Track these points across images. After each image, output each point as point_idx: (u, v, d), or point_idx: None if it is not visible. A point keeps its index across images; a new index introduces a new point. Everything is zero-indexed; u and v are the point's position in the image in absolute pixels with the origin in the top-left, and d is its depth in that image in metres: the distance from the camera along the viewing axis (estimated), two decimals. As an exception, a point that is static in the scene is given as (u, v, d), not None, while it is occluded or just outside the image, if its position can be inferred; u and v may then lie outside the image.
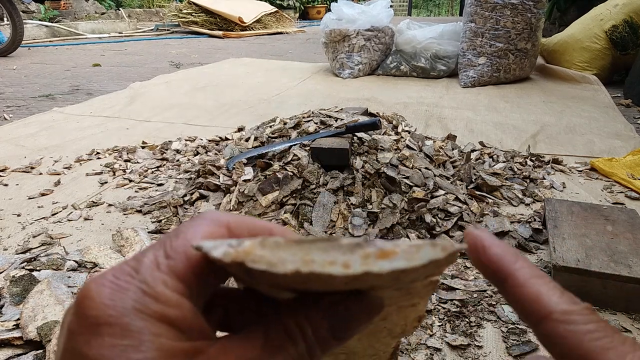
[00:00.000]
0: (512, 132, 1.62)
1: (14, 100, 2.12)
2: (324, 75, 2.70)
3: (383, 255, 0.14)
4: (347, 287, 0.15)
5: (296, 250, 0.14)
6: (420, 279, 0.17)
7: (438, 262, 0.14)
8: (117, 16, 5.71)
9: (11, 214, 1.01)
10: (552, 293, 0.16)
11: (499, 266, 0.17)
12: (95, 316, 0.14)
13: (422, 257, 0.14)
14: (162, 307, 0.15)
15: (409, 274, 0.14)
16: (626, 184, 1.14)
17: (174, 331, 0.15)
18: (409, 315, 0.21)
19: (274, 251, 0.15)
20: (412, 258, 0.14)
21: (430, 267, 0.15)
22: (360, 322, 0.16)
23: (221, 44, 4.59)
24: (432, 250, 0.14)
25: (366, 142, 1.06)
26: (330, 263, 0.14)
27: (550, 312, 0.15)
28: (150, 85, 2.38)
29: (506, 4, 2.28)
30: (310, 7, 8.82)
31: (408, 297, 0.19)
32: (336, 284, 0.14)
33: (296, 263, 0.14)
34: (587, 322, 0.15)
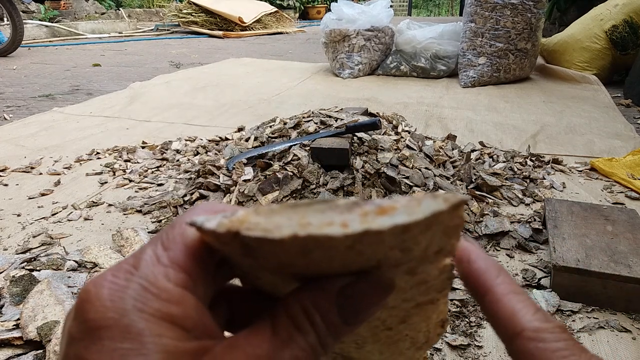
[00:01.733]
0: (512, 132, 1.62)
1: (14, 100, 2.12)
2: (324, 75, 2.70)
3: (382, 211, 0.13)
4: (351, 259, 0.14)
5: (292, 214, 0.14)
6: (430, 251, 0.15)
7: (442, 216, 0.13)
8: (117, 16, 5.71)
9: (11, 214, 1.01)
10: (527, 311, 0.16)
11: (481, 281, 0.17)
12: (95, 319, 0.14)
13: (424, 209, 0.13)
14: (164, 304, 0.14)
15: (413, 233, 0.13)
16: (626, 184, 1.14)
17: (178, 330, 0.14)
18: (430, 316, 0.19)
19: (269, 217, 0.14)
20: (413, 212, 0.13)
21: (435, 226, 0.14)
22: (371, 304, 0.15)
23: (221, 44, 4.59)
24: (434, 201, 0.13)
25: (366, 142, 1.06)
26: (328, 224, 0.13)
27: (523, 329, 0.16)
28: (150, 85, 2.38)
29: (506, 4, 2.28)
30: (310, 7, 8.82)
31: (424, 289, 0.18)
32: (338, 251, 0.13)
33: (292, 227, 0.13)
34: (556, 340, 0.15)
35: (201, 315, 0.15)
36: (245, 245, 0.14)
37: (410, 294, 0.17)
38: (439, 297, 0.19)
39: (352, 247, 0.13)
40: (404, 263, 0.15)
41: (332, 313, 0.15)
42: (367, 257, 0.14)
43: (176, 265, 0.15)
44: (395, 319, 0.19)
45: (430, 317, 0.20)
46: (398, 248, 0.14)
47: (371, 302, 0.15)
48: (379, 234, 0.13)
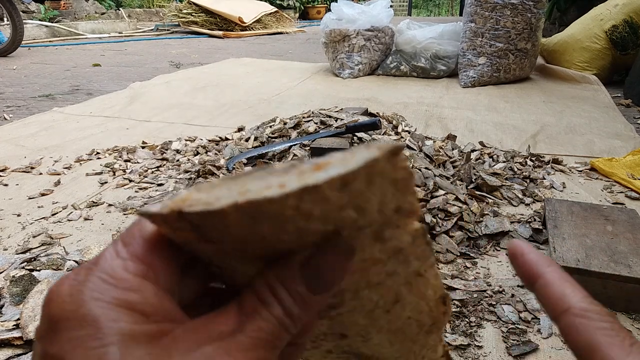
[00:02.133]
0: (512, 132, 1.62)
1: (14, 100, 2.12)
2: (324, 75, 2.70)
3: (318, 167, 0.13)
4: (305, 227, 0.14)
5: (232, 185, 0.14)
6: (386, 209, 0.15)
7: (379, 166, 0.13)
8: (117, 16, 5.72)
9: (11, 214, 1.01)
10: (575, 294, 0.18)
11: (534, 269, 0.19)
12: (54, 314, 0.14)
13: (358, 160, 0.13)
14: (122, 292, 0.14)
15: (356, 188, 0.13)
16: (626, 184, 1.14)
17: (135, 315, 0.14)
18: (424, 292, 0.19)
19: (210, 192, 0.14)
20: (348, 163, 0.13)
21: (377, 178, 0.14)
22: (335, 270, 0.15)
23: (221, 44, 4.59)
24: (367, 151, 0.13)
25: (366, 142, 1.06)
26: (266, 187, 0.13)
27: (570, 307, 0.17)
28: (150, 85, 2.38)
29: (506, 4, 2.28)
30: (310, 7, 8.82)
31: (402, 259, 0.17)
32: (286, 218, 0.13)
33: (232, 197, 0.13)
34: (601, 320, 0.17)
35: (162, 302, 0.15)
36: (195, 226, 0.14)
37: (391, 265, 0.17)
38: (425, 268, 0.18)
39: (297, 209, 0.13)
40: (364, 226, 0.15)
41: (296, 284, 0.15)
42: (319, 221, 0.14)
43: (135, 258, 0.15)
44: (387, 299, 0.19)
45: (425, 294, 0.19)
46: (349, 207, 0.14)
47: (334, 268, 0.15)
48: (317, 190, 0.13)
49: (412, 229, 0.17)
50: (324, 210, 0.13)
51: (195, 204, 0.14)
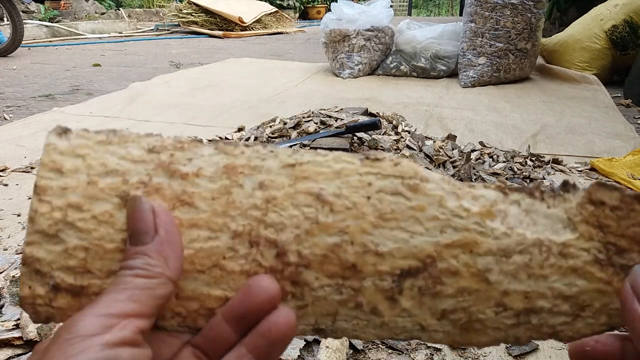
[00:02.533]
0: (512, 132, 1.62)
1: (14, 100, 2.12)
2: (324, 76, 2.70)
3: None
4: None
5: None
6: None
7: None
8: (117, 16, 5.72)
9: (11, 214, 1.01)
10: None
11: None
12: None
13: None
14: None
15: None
16: (626, 184, 1.14)
17: None
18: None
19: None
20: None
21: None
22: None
23: (221, 44, 4.60)
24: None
25: (366, 142, 1.06)
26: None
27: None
28: (150, 85, 2.39)
29: (506, 4, 2.28)
30: (310, 7, 8.83)
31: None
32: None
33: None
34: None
35: None
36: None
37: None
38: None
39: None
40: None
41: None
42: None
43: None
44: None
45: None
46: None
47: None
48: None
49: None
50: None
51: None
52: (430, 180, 0.20)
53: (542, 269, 0.20)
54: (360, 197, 0.20)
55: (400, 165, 0.20)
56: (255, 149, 0.20)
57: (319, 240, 0.19)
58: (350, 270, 0.20)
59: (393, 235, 0.20)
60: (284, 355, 0.60)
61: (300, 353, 0.61)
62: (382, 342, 0.65)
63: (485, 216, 0.20)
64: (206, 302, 0.20)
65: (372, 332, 0.21)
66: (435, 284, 0.20)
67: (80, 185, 0.19)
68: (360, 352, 0.63)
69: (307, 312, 0.20)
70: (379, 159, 0.20)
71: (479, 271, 0.20)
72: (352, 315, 0.20)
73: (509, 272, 0.20)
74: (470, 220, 0.20)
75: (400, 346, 0.64)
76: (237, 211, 0.19)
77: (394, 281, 0.20)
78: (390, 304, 0.20)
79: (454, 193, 0.20)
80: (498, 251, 0.20)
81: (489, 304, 0.20)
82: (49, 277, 0.19)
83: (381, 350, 0.64)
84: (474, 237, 0.19)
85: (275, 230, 0.19)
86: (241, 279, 0.20)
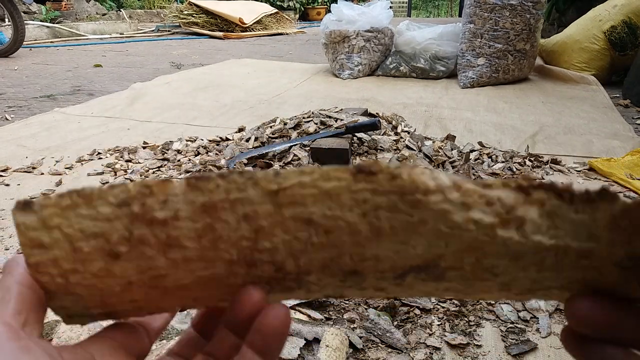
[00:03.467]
0: (511, 132, 1.63)
1: (16, 100, 2.13)
2: (324, 76, 2.71)
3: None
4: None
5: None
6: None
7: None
8: (118, 17, 5.73)
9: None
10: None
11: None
12: None
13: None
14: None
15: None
16: (625, 184, 1.15)
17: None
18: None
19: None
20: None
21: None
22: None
23: (222, 44, 4.60)
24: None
25: (366, 143, 1.07)
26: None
27: None
28: (151, 85, 2.39)
29: (505, 5, 2.28)
30: (310, 9, 8.84)
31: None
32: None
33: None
34: None
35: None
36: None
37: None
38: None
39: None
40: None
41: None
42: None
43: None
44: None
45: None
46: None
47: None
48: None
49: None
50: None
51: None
52: (435, 191, 0.18)
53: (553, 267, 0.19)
54: (355, 215, 0.18)
55: (399, 178, 0.18)
56: (232, 178, 0.19)
57: (316, 255, 0.19)
58: (351, 273, 0.20)
59: (393, 247, 0.19)
60: (284, 354, 0.61)
61: (300, 352, 0.62)
62: (382, 341, 0.65)
63: (498, 226, 0.18)
64: (220, 302, 0.22)
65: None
66: (437, 276, 0.20)
67: (67, 255, 0.19)
68: (360, 351, 0.64)
69: (314, 294, 0.22)
70: (374, 172, 0.18)
71: (485, 268, 0.19)
72: (357, 293, 0.22)
73: (518, 268, 0.19)
74: (480, 232, 0.18)
75: (400, 345, 0.65)
76: (226, 244, 0.19)
77: (395, 277, 0.20)
78: (394, 288, 0.21)
79: (463, 203, 0.18)
80: (508, 256, 0.19)
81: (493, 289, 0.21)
82: (84, 315, 0.21)
83: (381, 349, 0.64)
84: (482, 247, 0.18)
85: (270, 253, 0.19)
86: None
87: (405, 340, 0.66)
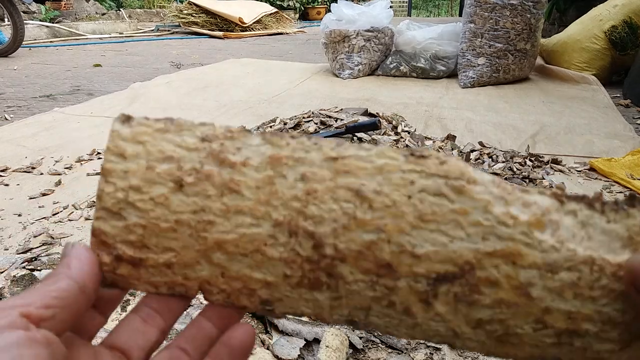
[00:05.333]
0: (511, 132, 1.62)
1: (15, 100, 2.12)
2: (324, 76, 2.70)
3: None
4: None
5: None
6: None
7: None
8: (117, 17, 5.72)
9: (12, 213, 1.02)
10: None
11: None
12: None
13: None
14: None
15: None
16: (625, 184, 1.15)
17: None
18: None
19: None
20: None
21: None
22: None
23: (221, 44, 4.60)
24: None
25: (366, 143, 1.07)
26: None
27: None
28: (150, 85, 2.39)
29: (505, 4, 2.28)
30: (310, 8, 8.83)
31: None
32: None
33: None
34: None
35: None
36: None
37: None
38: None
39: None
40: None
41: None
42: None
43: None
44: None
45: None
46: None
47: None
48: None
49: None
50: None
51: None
52: (478, 182, 0.19)
53: (591, 290, 0.18)
54: (401, 195, 0.19)
55: (447, 164, 0.19)
56: (300, 140, 0.21)
57: (356, 236, 0.19)
58: (385, 268, 0.19)
59: (432, 238, 0.19)
60: (284, 354, 0.60)
61: (300, 352, 0.61)
62: (382, 341, 0.65)
63: (534, 226, 0.18)
64: (248, 283, 0.21)
65: (404, 331, 0.20)
66: (472, 292, 0.19)
67: (139, 170, 0.20)
68: (360, 351, 0.64)
69: (341, 304, 0.20)
70: (425, 156, 0.19)
71: (521, 284, 0.18)
72: (384, 312, 0.20)
73: (554, 289, 0.18)
74: (517, 230, 0.18)
75: (400, 345, 0.64)
76: (279, 201, 0.20)
77: (429, 284, 0.19)
78: (423, 307, 0.19)
79: (503, 198, 0.19)
80: (544, 265, 0.18)
81: (528, 319, 0.19)
82: (113, 248, 0.21)
83: (381, 350, 0.64)
84: (519, 248, 0.18)
85: (314, 222, 0.20)
86: (279, 266, 0.20)
87: (405, 340, 0.65)
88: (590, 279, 0.18)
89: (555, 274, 0.18)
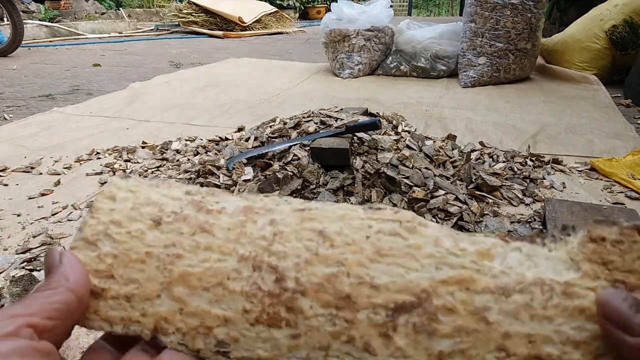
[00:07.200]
0: (512, 132, 1.62)
1: (14, 100, 2.12)
2: (324, 75, 2.70)
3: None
4: None
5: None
6: None
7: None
8: (117, 16, 5.71)
9: (11, 214, 1.01)
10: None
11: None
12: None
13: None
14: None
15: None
16: (626, 184, 1.14)
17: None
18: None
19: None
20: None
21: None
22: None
23: (221, 44, 4.59)
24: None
25: (366, 142, 1.06)
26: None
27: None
28: (150, 85, 2.38)
29: (506, 4, 2.28)
30: (310, 7, 8.82)
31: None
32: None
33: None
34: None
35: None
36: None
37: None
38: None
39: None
40: None
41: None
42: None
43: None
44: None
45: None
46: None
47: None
48: None
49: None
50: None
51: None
52: (429, 225, 0.21)
53: (545, 310, 0.19)
54: (360, 236, 0.21)
55: (401, 213, 0.22)
56: (273, 198, 0.24)
57: (317, 269, 0.21)
58: (344, 300, 0.20)
59: (389, 270, 0.20)
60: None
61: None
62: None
63: (483, 256, 0.20)
64: (206, 320, 0.21)
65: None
66: (431, 321, 0.19)
67: (125, 209, 0.23)
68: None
69: (299, 344, 0.20)
70: (381, 209, 0.22)
71: (477, 309, 0.19)
72: (344, 351, 0.20)
73: (509, 312, 0.19)
74: (467, 259, 0.20)
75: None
76: (247, 240, 0.22)
77: (387, 315, 0.19)
78: (384, 342, 0.19)
79: (452, 236, 0.21)
80: (496, 289, 0.19)
81: (489, 347, 0.19)
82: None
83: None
84: (470, 274, 0.20)
85: (278, 258, 0.21)
86: (240, 300, 0.21)
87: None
88: (542, 298, 0.19)
89: (509, 296, 0.19)
